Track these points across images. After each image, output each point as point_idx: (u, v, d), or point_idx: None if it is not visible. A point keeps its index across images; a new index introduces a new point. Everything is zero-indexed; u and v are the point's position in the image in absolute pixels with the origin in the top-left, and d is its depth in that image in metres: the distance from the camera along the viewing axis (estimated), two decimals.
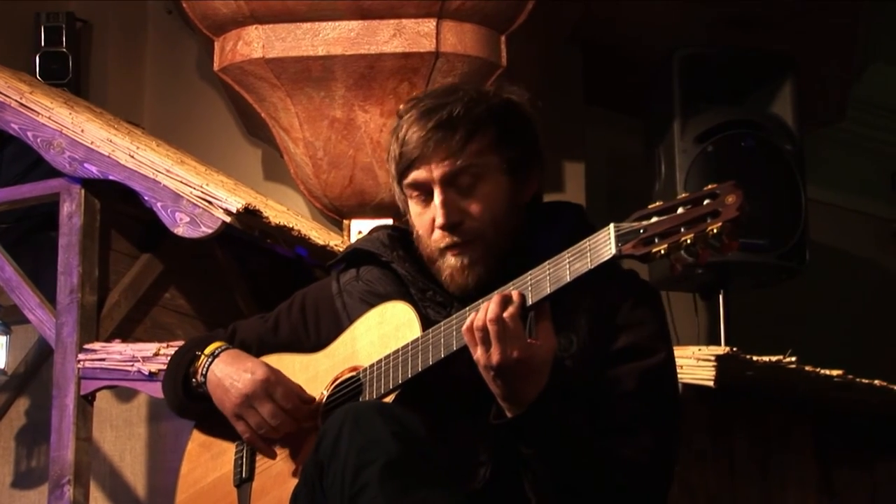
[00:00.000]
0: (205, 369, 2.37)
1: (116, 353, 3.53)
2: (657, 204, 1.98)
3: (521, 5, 4.25)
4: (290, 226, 3.68)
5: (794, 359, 3.57)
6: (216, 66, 4.35)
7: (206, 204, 3.56)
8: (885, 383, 3.76)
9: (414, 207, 2.26)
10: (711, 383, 3.35)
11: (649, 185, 4.70)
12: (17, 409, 4.45)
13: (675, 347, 3.16)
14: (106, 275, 3.84)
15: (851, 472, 4.08)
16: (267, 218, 3.57)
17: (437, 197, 2.21)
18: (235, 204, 3.50)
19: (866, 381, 3.69)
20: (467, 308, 2.09)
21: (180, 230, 3.61)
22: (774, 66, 4.74)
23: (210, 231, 3.56)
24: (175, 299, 4.10)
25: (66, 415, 3.68)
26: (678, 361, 2.92)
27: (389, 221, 4.04)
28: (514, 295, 2.03)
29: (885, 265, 6.03)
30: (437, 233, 2.22)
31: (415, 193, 2.25)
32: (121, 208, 3.83)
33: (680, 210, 1.95)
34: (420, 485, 1.99)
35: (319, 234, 3.87)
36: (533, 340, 2.03)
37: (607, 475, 2.12)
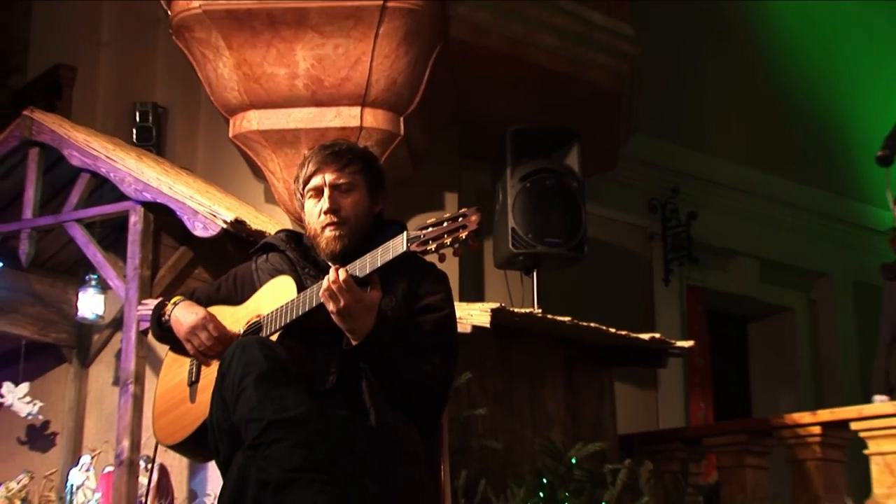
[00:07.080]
0: (170, 312, 2.50)
1: None
2: (433, 219, 2.09)
3: (412, 98, 4.38)
4: (265, 230, 3.74)
5: (540, 310, 3.78)
6: (230, 135, 4.51)
7: (212, 216, 3.71)
8: (576, 321, 3.78)
9: (309, 204, 2.41)
10: (488, 325, 3.48)
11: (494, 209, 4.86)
12: (117, 338, 4.47)
13: (468, 303, 3.65)
14: (157, 259, 3.98)
15: (587, 376, 4.19)
16: (249, 225, 3.72)
17: (326, 193, 2.35)
18: (229, 216, 3.67)
19: (585, 323, 3.86)
20: (322, 280, 2.24)
21: (197, 232, 3.73)
22: (567, 136, 4.82)
23: (214, 233, 3.68)
24: (201, 274, 4.18)
25: (130, 342, 3.83)
26: (470, 312, 3.47)
27: None
28: (343, 270, 2.22)
29: (640, 255, 6.20)
30: (323, 217, 2.35)
31: (312, 195, 2.39)
32: (167, 218, 3.95)
33: (445, 224, 2.06)
34: (280, 385, 2.11)
35: None
36: (362, 293, 2.21)
37: (415, 380, 2.26)
